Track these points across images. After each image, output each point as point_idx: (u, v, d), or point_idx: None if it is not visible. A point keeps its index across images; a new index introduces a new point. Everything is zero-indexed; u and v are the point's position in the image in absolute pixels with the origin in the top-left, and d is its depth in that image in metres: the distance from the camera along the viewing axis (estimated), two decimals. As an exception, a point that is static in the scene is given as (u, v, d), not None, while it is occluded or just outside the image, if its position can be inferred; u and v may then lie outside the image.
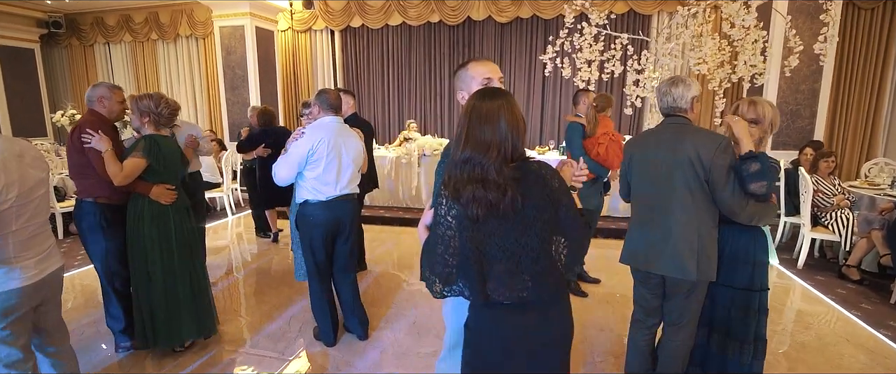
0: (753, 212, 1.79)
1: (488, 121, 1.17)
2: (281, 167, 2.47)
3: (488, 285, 1.20)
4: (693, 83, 1.92)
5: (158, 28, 8.09)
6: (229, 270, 4.14)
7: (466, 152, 1.17)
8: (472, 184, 1.16)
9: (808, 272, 3.92)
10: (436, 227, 1.24)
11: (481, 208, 1.15)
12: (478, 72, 1.50)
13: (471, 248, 1.19)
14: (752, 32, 3.87)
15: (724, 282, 1.91)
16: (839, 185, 3.97)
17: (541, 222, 1.18)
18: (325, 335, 2.72)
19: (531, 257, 1.18)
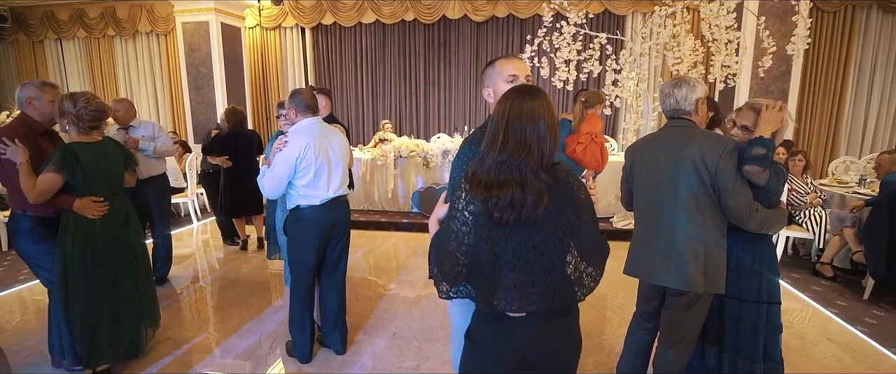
0: (763, 219, 1.70)
1: (529, 121, 1.10)
2: (268, 181, 2.28)
3: (497, 293, 1.12)
4: (698, 84, 1.83)
5: (115, 24, 7.62)
6: (195, 279, 3.88)
7: (505, 155, 1.10)
8: (510, 187, 1.09)
9: (783, 270, 3.97)
10: (450, 221, 1.16)
11: (514, 213, 1.09)
12: (505, 69, 1.45)
13: (485, 249, 1.12)
14: (728, 33, 3.91)
15: (732, 294, 1.82)
16: (812, 183, 4.05)
17: (561, 232, 1.12)
18: (301, 351, 2.53)
19: (545, 268, 1.11)
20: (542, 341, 1.19)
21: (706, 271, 1.71)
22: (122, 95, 8.00)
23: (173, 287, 3.68)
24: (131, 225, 2.40)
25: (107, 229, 2.25)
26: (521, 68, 1.46)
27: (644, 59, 4.57)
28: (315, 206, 2.36)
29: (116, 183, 2.36)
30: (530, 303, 1.12)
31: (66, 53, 8.12)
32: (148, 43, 7.77)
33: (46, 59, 8.18)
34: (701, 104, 1.83)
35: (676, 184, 1.74)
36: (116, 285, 2.29)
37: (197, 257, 4.54)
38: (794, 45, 3.96)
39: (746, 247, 1.81)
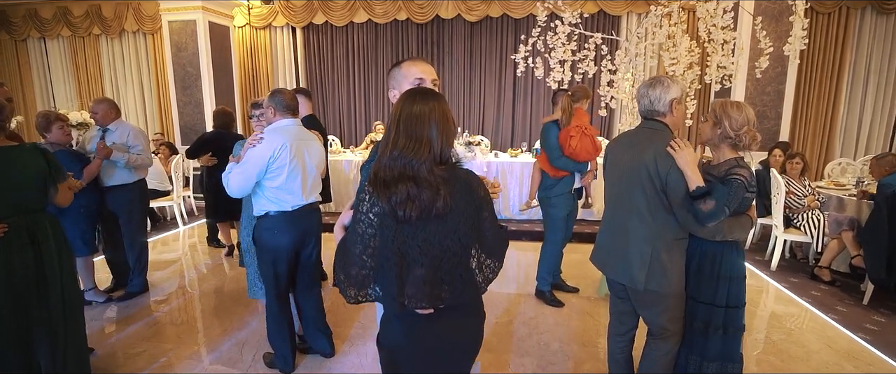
0: (716, 230, 1.70)
1: (420, 121, 1.15)
2: (235, 178, 2.14)
3: (406, 289, 1.16)
4: (673, 84, 1.78)
5: (101, 22, 7.44)
6: (177, 287, 3.75)
7: (397, 151, 1.15)
8: (405, 182, 1.13)
9: (781, 274, 3.91)
10: (355, 225, 1.17)
11: (414, 209, 1.12)
12: (411, 72, 1.47)
13: (392, 249, 1.14)
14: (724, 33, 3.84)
15: (692, 295, 1.84)
16: (809, 186, 3.99)
17: (465, 227, 1.18)
18: (284, 361, 2.43)
19: (452, 262, 1.17)
20: (451, 334, 1.25)
21: (650, 271, 1.74)
22: (107, 94, 7.81)
23: (153, 296, 3.54)
24: (45, 248, 1.98)
25: (3, 254, 1.86)
26: (427, 71, 1.48)
27: (640, 60, 4.49)
28: (286, 212, 2.25)
29: (24, 199, 1.94)
30: (438, 298, 1.16)
31: (50, 53, 7.93)
32: (134, 42, 7.60)
33: (29, 58, 7.99)
34: (677, 105, 1.79)
35: (631, 186, 1.77)
36: (17, 319, 1.90)
37: (182, 262, 4.40)
38: (790, 46, 3.90)
39: (708, 250, 1.78)
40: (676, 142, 1.68)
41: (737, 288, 1.79)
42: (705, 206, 1.61)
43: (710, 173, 1.78)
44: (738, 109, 1.74)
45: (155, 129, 7.64)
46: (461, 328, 1.27)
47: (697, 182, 1.62)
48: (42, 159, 2.00)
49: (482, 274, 1.25)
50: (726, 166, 1.74)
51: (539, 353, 2.67)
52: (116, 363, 2.57)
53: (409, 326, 1.22)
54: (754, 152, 5.34)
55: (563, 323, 3.02)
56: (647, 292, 1.78)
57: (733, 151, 1.78)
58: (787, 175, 4.00)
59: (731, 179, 1.66)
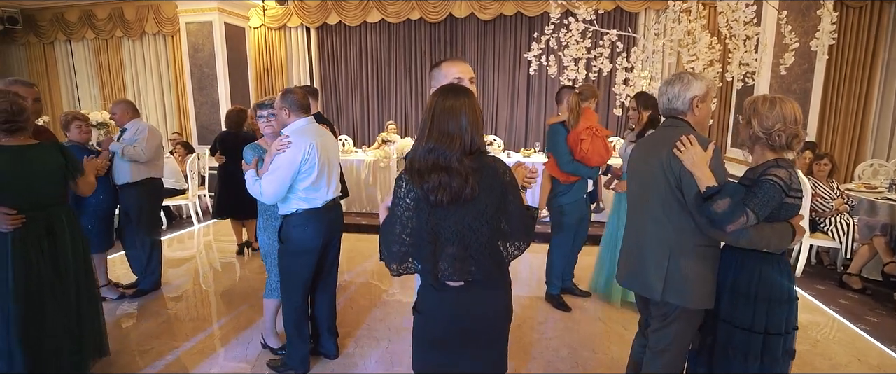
0: (740, 236, 1.50)
1: (452, 115, 1.27)
2: (269, 185, 2.13)
3: (440, 265, 1.31)
4: (695, 81, 1.66)
5: (123, 25, 7.62)
6: (191, 285, 3.78)
7: (431, 143, 1.27)
8: (437, 172, 1.26)
9: (807, 281, 3.73)
10: (394, 208, 1.34)
11: (445, 195, 1.26)
12: (450, 71, 1.56)
13: (427, 229, 1.30)
14: (747, 29, 3.68)
15: (726, 317, 1.63)
16: (838, 188, 3.79)
17: (492, 210, 1.30)
18: (301, 362, 2.41)
19: (481, 242, 1.30)
20: (479, 306, 1.38)
21: (667, 278, 1.62)
22: (129, 95, 8.00)
23: (167, 293, 3.58)
24: (60, 241, 2.10)
25: (20, 245, 1.97)
26: (465, 71, 1.59)
27: (657, 57, 4.35)
28: (317, 208, 2.27)
29: (42, 194, 2.07)
30: (467, 273, 1.32)
31: (75, 55, 8.16)
32: (155, 44, 7.76)
33: (56, 60, 8.23)
34: (700, 103, 1.66)
35: (648, 187, 1.69)
36: (34, 308, 2.01)
37: (197, 260, 4.45)
38: (818, 41, 3.72)
39: (745, 266, 1.59)
40: (683, 140, 1.56)
41: (778, 313, 1.58)
42: (718, 206, 1.46)
43: (747, 177, 1.60)
44: (770, 105, 1.55)
45: (173, 128, 7.78)
46: (488, 299, 1.39)
47: (707, 182, 1.50)
48: (60, 155, 2.12)
49: (507, 251, 1.38)
50: (763, 168, 1.55)
51: (547, 358, 2.59)
52: (129, 359, 2.59)
53: (442, 296, 1.36)
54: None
55: (573, 328, 2.92)
56: (667, 305, 1.65)
57: (773, 152, 1.58)
58: (814, 177, 3.81)
59: (762, 179, 1.49)
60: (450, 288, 1.34)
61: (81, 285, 2.19)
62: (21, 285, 1.97)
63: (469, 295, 1.35)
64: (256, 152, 2.34)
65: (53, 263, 2.08)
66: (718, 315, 1.66)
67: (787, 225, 1.55)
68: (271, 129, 2.39)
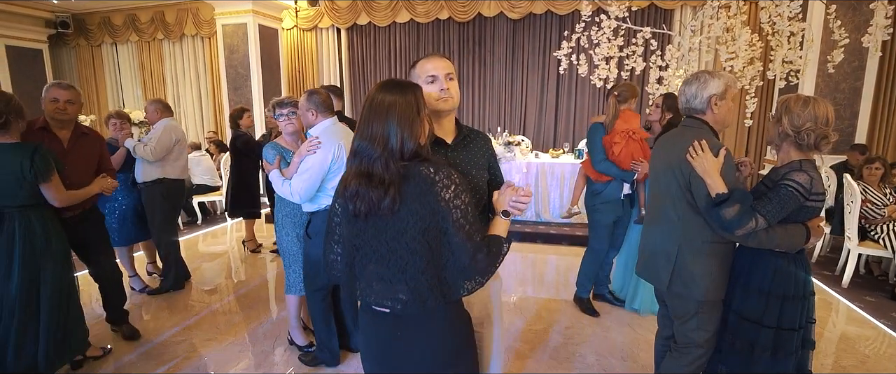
0: (750, 237, 1.53)
1: (378, 113, 1.12)
2: (301, 185, 2.16)
3: (358, 283, 1.19)
4: (712, 80, 1.64)
5: (164, 27, 7.96)
6: (227, 277, 3.91)
7: (356, 143, 1.15)
8: (358, 178, 1.13)
9: (854, 292, 3.51)
10: (330, 213, 1.25)
11: (363, 204, 1.12)
12: (424, 69, 1.40)
13: (348, 240, 1.19)
14: (791, 24, 3.49)
15: (736, 309, 1.67)
16: (891, 194, 3.55)
17: (415, 231, 1.11)
18: (332, 355, 2.47)
19: (400, 265, 1.12)
20: (410, 342, 1.18)
21: (674, 272, 1.68)
22: (168, 95, 8.36)
23: (199, 287, 3.71)
24: (5, 241, 2.11)
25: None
26: (439, 67, 1.39)
27: (693, 55, 4.19)
28: None
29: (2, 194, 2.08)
30: (392, 299, 1.14)
31: (120, 56, 8.58)
32: (193, 45, 8.06)
33: (103, 62, 8.68)
34: (718, 101, 1.65)
35: (661, 184, 1.73)
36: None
37: (229, 255, 4.59)
38: (870, 36, 3.49)
39: (759, 262, 1.62)
40: (695, 147, 1.57)
41: (791, 309, 1.58)
42: (727, 213, 1.50)
43: (769, 179, 1.61)
44: (804, 104, 1.54)
45: (209, 127, 8.06)
46: (423, 336, 1.18)
47: (718, 188, 1.52)
48: (26, 160, 2.06)
49: (454, 287, 1.17)
50: (785, 170, 1.56)
51: (573, 364, 2.53)
52: (158, 351, 2.69)
53: (369, 320, 1.22)
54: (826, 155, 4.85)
55: (601, 335, 2.85)
56: (673, 295, 1.73)
57: (799, 152, 1.58)
58: (864, 181, 3.58)
59: (781, 185, 1.51)
60: (376, 313, 1.19)
61: (42, 286, 2.17)
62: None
63: (397, 327, 1.17)
64: (277, 151, 2.36)
65: (7, 262, 2.10)
66: (730, 306, 1.70)
67: (801, 227, 1.57)
68: (293, 126, 2.42)
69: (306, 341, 2.63)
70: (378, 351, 1.23)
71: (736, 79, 1.71)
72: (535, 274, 4.06)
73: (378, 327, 1.20)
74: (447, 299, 1.16)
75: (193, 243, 4.95)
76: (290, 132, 2.45)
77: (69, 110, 2.41)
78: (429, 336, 1.18)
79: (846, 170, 4.03)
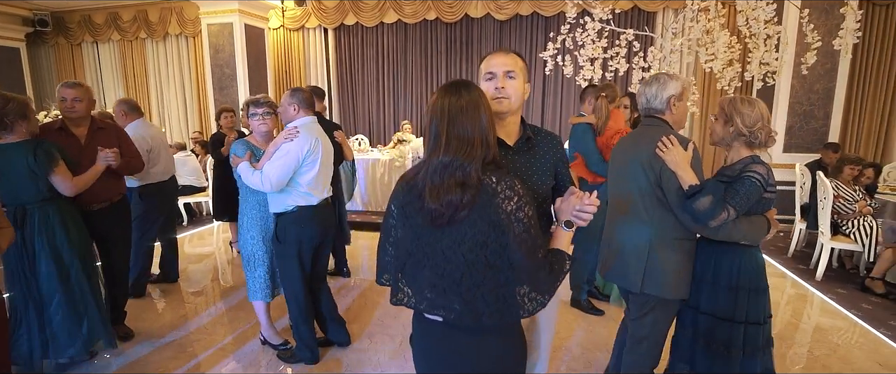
0: (720, 230, 1.59)
1: (467, 114, 1.04)
2: (275, 171, 2.16)
3: (410, 289, 1.13)
4: (671, 81, 1.73)
5: (147, 26, 7.84)
6: (213, 279, 3.89)
7: (448, 156, 1.04)
8: (454, 188, 1.03)
9: (827, 284, 3.65)
10: (386, 215, 1.19)
11: (450, 211, 1.03)
12: (486, 65, 1.36)
13: (403, 244, 1.13)
14: (767, 28, 3.62)
15: (707, 309, 1.70)
16: (860, 190, 3.71)
17: (473, 243, 1.04)
18: (311, 353, 2.49)
19: (454, 277, 1.06)
20: (458, 353, 1.12)
21: (647, 271, 1.68)
22: (151, 96, 8.25)
23: (186, 288, 3.69)
24: (27, 235, 2.21)
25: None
26: (493, 64, 1.33)
27: (675, 57, 4.31)
28: (313, 206, 2.33)
29: (18, 190, 2.18)
30: (445, 309, 1.07)
31: (101, 55, 8.42)
32: (177, 45, 7.96)
33: (84, 61, 8.51)
34: (676, 102, 1.73)
35: (628, 183, 1.74)
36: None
37: (216, 257, 4.56)
38: (841, 40, 3.64)
39: (723, 258, 1.67)
40: (664, 141, 1.63)
41: (756, 302, 1.66)
42: (701, 204, 1.55)
43: (724, 174, 1.68)
44: (749, 105, 1.64)
45: (194, 128, 7.97)
46: (478, 348, 1.10)
47: (690, 180, 1.58)
48: (29, 155, 2.15)
49: (519, 305, 1.06)
50: (741, 165, 1.64)
51: (560, 358, 2.59)
52: (145, 352, 2.68)
53: (424, 328, 1.16)
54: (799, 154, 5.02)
55: (586, 328, 2.92)
56: (645, 296, 1.72)
57: (749, 149, 1.67)
58: (842, 179, 3.71)
59: (744, 176, 1.58)
60: (429, 322, 1.14)
61: (52, 278, 2.24)
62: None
63: (450, 338, 1.11)
64: (247, 147, 2.35)
65: (24, 255, 2.20)
66: (699, 308, 1.72)
67: (763, 218, 1.65)
68: (267, 127, 2.40)
69: (280, 340, 2.63)
70: (430, 359, 1.19)
71: (690, 81, 1.80)
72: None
73: (430, 335, 1.15)
74: (504, 317, 1.06)
75: (179, 245, 4.90)
76: (263, 132, 2.41)
77: (78, 108, 2.45)
78: (482, 351, 1.11)
79: (820, 168, 4.18)
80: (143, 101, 8.23)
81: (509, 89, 1.31)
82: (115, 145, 2.51)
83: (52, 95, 8.47)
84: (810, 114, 5.04)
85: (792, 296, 3.51)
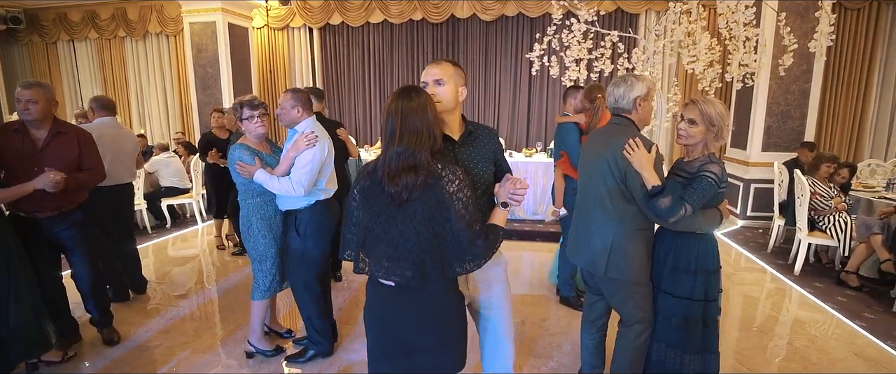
0: (680, 222, 1.73)
1: (417, 113, 1.28)
2: (306, 176, 2.21)
3: (367, 260, 1.39)
4: (638, 82, 1.85)
5: (126, 25, 7.66)
6: (198, 281, 3.83)
7: (397, 142, 1.28)
8: (407, 171, 1.26)
9: (805, 279, 3.78)
10: (349, 200, 1.42)
11: (407, 193, 1.27)
12: (421, 78, 1.58)
13: (363, 223, 1.38)
14: (746, 30, 3.73)
15: (669, 290, 1.88)
16: (835, 187, 3.84)
17: (422, 218, 1.28)
18: (328, 341, 2.58)
19: (408, 247, 1.30)
20: (413, 308, 1.36)
21: (610, 258, 1.83)
22: (131, 96, 8.07)
23: (172, 291, 3.62)
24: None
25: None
26: (428, 74, 1.54)
27: (658, 58, 4.39)
28: (330, 198, 2.46)
29: None
30: (397, 275, 1.32)
31: (78, 54, 8.19)
32: (158, 44, 7.80)
33: (59, 60, 8.26)
34: (642, 102, 1.86)
35: (596, 178, 1.87)
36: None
37: (200, 259, 4.49)
38: (816, 43, 3.77)
39: (683, 246, 1.83)
40: (631, 144, 1.74)
41: (712, 281, 1.84)
42: (662, 203, 1.70)
43: (682, 169, 1.84)
44: (712, 104, 1.79)
45: (176, 128, 7.82)
46: (424, 303, 1.35)
47: (653, 181, 1.71)
48: None
49: (466, 263, 1.33)
50: (699, 163, 1.78)
51: (551, 354, 2.63)
52: (134, 356, 2.63)
53: (377, 291, 1.41)
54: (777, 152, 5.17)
55: (575, 324, 2.96)
56: (609, 280, 1.88)
57: (711, 146, 1.82)
58: (819, 176, 3.84)
59: (701, 176, 1.73)
60: (382, 286, 1.38)
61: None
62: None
63: (400, 297, 1.35)
64: (252, 152, 2.31)
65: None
66: (660, 288, 1.90)
67: (716, 211, 1.82)
68: (265, 129, 2.37)
69: (271, 346, 2.61)
70: (382, 319, 1.41)
71: (655, 82, 1.92)
72: (511, 270, 4.16)
73: (383, 297, 1.39)
74: (446, 275, 1.33)
75: (163, 247, 4.82)
76: (261, 134, 2.39)
77: (32, 109, 2.31)
78: (426, 305, 1.36)
79: (797, 166, 4.32)
80: (123, 101, 8.03)
81: (440, 94, 1.51)
82: (73, 152, 2.41)
83: (26, 95, 8.21)
84: (787, 114, 5.19)
85: (771, 290, 3.62)
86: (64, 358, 2.52)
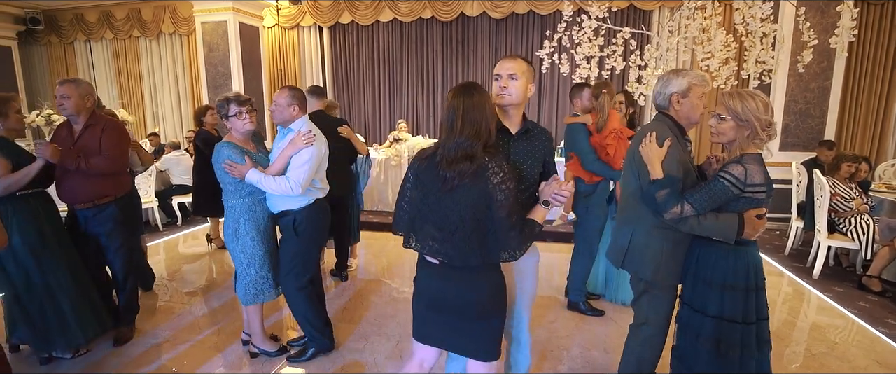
0: (680, 223, 1.65)
1: (477, 109, 1.40)
2: (303, 175, 2.21)
3: (416, 235, 1.50)
4: (675, 79, 1.74)
5: (140, 25, 7.77)
6: (208, 278, 3.85)
7: (462, 137, 1.39)
8: (463, 159, 1.38)
9: (824, 283, 3.65)
10: (405, 180, 1.55)
11: (458, 179, 1.39)
12: (495, 70, 1.66)
13: (413, 204, 1.51)
14: (764, 26, 3.62)
15: (686, 300, 1.78)
16: (856, 188, 3.71)
17: (466, 205, 1.40)
18: (329, 339, 2.59)
19: (450, 229, 1.42)
20: (457, 286, 1.48)
21: (628, 253, 1.82)
22: (146, 94, 8.18)
23: (182, 288, 3.64)
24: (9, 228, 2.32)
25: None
26: (504, 68, 1.61)
27: (671, 55, 4.30)
28: (324, 197, 2.46)
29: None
30: (442, 254, 1.45)
31: (94, 54, 8.33)
32: (171, 43, 7.89)
33: (76, 60, 8.41)
34: (680, 99, 1.75)
35: (628, 174, 1.86)
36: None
37: (210, 258, 4.52)
38: (837, 39, 3.64)
39: (705, 254, 1.71)
40: (647, 137, 1.70)
41: (732, 299, 1.63)
42: (657, 196, 1.66)
43: (712, 166, 1.78)
44: (740, 98, 1.59)
45: (189, 127, 7.90)
46: (467, 282, 1.47)
47: (655, 175, 1.67)
48: None
49: (502, 252, 1.43)
50: (727, 163, 1.63)
51: (559, 358, 2.57)
52: (140, 352, 2.64)
53: (425, 266, 1.55)
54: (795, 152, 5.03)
55: (585, 328, 2.91)
56: (635, 278, 1.87)
57: (756, 146, 1.63)
58: (839, 176, 3.71)
59: (716, 176, 1.60)
60: (429, 263, 1.51)
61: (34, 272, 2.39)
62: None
63: (446, 275, 1.48)
64: (241, 151, 2.25)
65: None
66: (683, 298, 1.82)
67: (734, 216, 1.60)
68: (253, 126, 2.31)
69: (275, 347, 2.57)
70: (429, 292, 1.54)
71: (704, 78, 1.77)
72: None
73: (430, 273, 1.53)
74: (486, 261, 1.44)
75: (173, 244, 4.86)
76: (249, 131, 2.32)
77: (66, 104, 2.47)
78: (468, 285, 1.47)
79: (816, 166, 4.18)
80: (137, 100, 8.16)
81: (511, 88, 1.59)
82: (96, 141, 2.52)
83: (44, 95, 8.38)
84: (806, 112, 5.04)
85: (789, 294, 3.51)
86: (75, 355, 2.54)
